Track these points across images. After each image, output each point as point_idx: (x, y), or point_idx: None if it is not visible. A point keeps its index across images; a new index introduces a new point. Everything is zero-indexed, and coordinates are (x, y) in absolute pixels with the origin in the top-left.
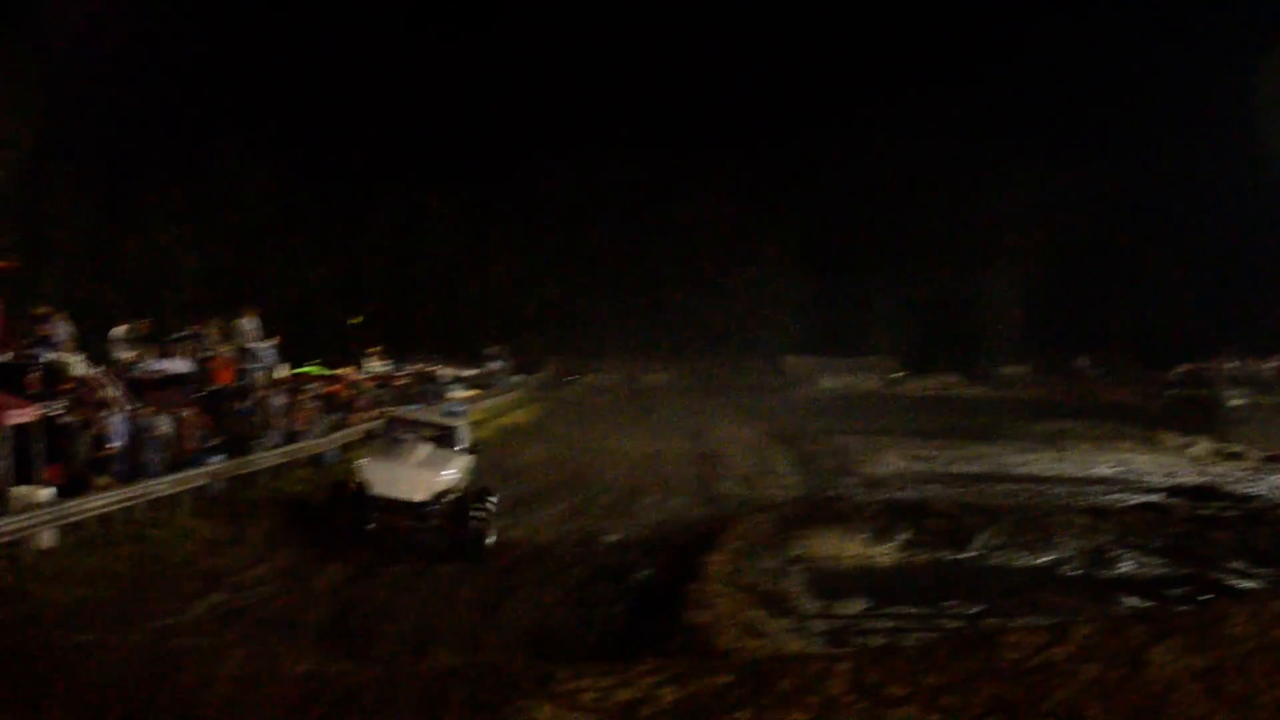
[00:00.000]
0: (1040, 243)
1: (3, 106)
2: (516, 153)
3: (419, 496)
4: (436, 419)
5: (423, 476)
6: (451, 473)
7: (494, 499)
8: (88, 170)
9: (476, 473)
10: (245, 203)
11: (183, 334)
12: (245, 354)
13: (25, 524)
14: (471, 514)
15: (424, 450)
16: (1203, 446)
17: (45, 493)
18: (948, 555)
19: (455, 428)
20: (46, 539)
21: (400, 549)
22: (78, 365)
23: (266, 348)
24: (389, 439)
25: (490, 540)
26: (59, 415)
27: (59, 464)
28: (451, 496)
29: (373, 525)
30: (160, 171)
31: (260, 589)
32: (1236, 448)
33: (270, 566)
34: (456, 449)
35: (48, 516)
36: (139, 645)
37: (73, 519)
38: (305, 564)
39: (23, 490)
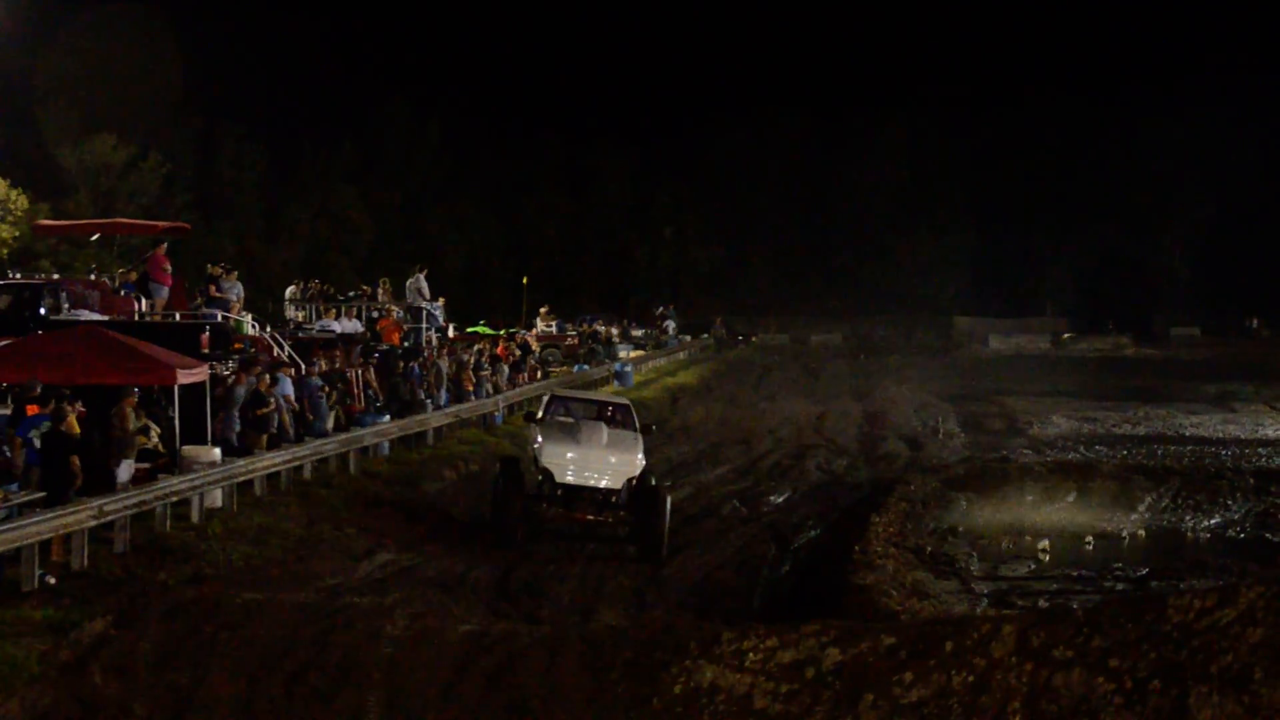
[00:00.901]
0: (1212, 203)
1: (176, 68)
2: (685, 113)
3: (609, 483)
4: (605, 397)
5: (612, 460)
6: (638, 456)
7: (668, 484)
8: (259, 131)
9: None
10: (415, 163)
11: (352, 294)
12: (414, 314)
13: (195, 483)
14: (661, 501)
15: (606, 431)
16: None
17: (214, 452)
18: (1114, 516)
19: (628, 406)
20: (216, 498)
21: (580, 544)
22: (248, 325)
23: (435, 308)
24: (559, 418)
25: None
26: (230, 375)
27: (230, 423)
28: (640, 482)
29: (553, 515)
30: (331, 132)
31: (426, 548)
32: None
33: (435, 527)
34: (630, 427)
35: (217, 475)
36: (306, 604)
37: (241, 478)
38: (472, 524)
39: (192, 449)
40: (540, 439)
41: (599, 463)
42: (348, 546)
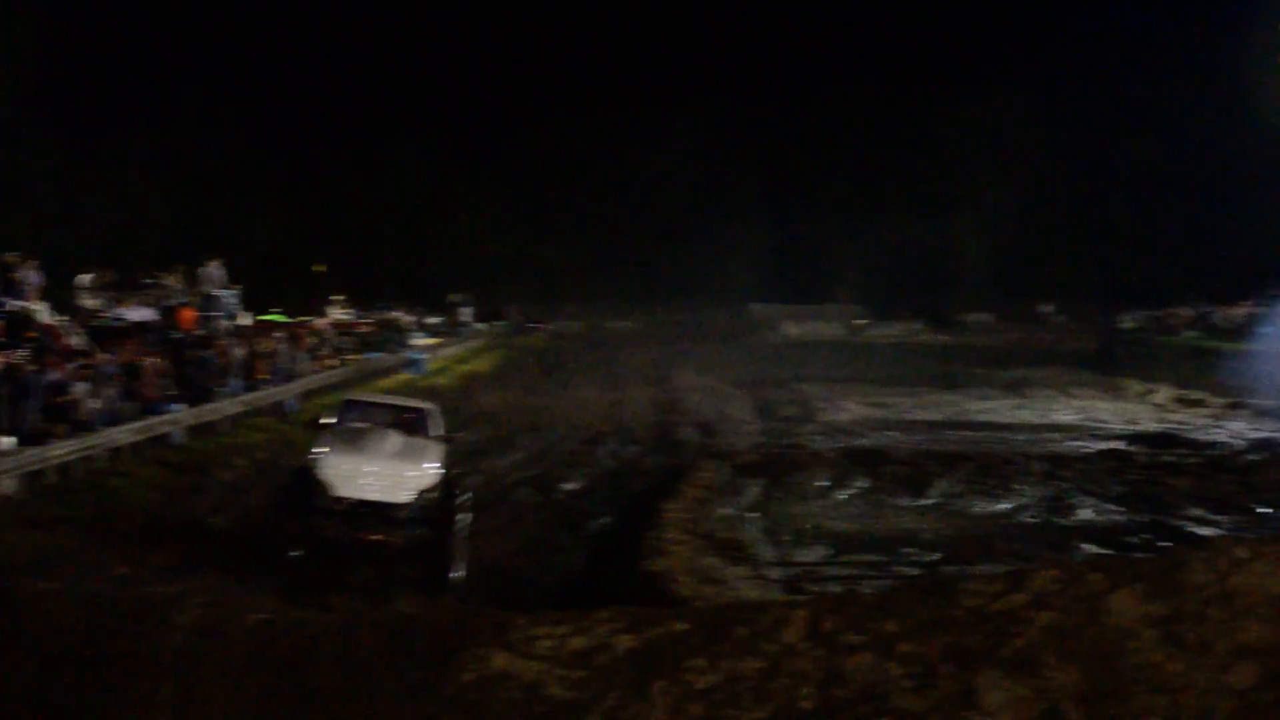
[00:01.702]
0: (1005, 190)
1: None
2: (481, 99)
3: (396, 497)
4: (404, 400)
5: (399, 471)
6: (432, 466)
7: (468, 496)
8: (54, 118)
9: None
10: (210, 151)
11: (147, 282)
12: (209, 302)
13: None
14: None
15: (397, 439)
16: (1164, 393)
17: (6, 441)
18: (906, 502)
19: (428, 411)
20: (8, 486)
21: (363, 565)
22: (42, 313)
23: (230, 296)
24: (349, 425)
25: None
26: (23, 363)
27: (22, 412)
28: (434, 496)
29: (333, 533)
30: (126, 120)
31: (221, 536)
32: (1198, 394)
33: (230, 516)
34: (432, 436)
35: (9, 465)
36: (97, 593)
37: (33, 467)
38: (266, 512)
39: None
40: (322, 448)
41: (385, 474)
42: (141, 536)
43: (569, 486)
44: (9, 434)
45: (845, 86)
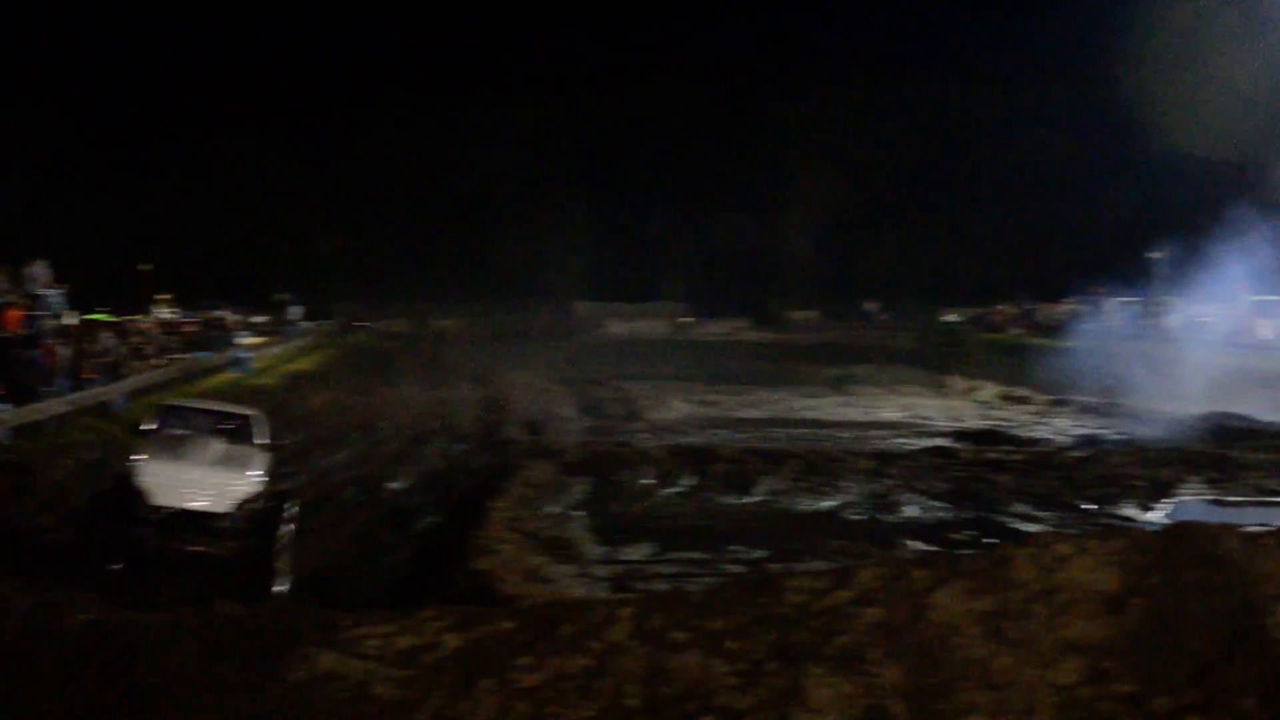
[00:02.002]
0: (830, 188)
1: None
2: (305, 99)
3: (214, 505)
4: (228, 407)
5: (217, 479)
6: (254, 474)
7: (294, 507)
8: None
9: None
10: (34, 148)
11: None
12: (34, 301)
13: None
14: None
15: (218, 446)
16: (989, 390)
17: None
18: (732, 500)
19: (253, 418)
20: None
21: (183, 576)
22: None
23: (55, 295)
24: (169, 432)
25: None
26: None
27: None
28: (257, 506)
29: (150, 544)
30: None
31: (47, 539)
32: (1022, 391)
33: (57, 516)
34: (256, 443)
35: None
36: None
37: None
38: (83, 520)
39: None
40: (140, 455)
41: (202, 482)
42: None
43: (396, 485)
44: None
45: (671, 82)
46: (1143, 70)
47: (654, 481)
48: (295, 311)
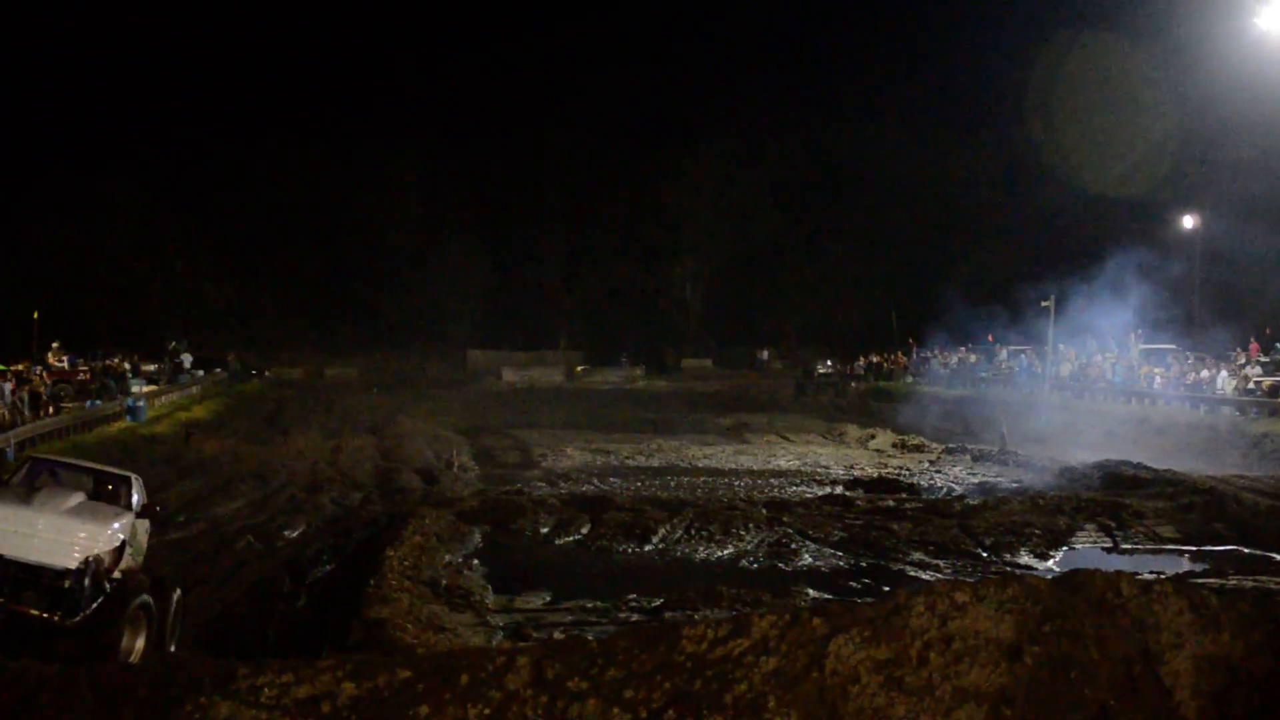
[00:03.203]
0: (722, 237)
1: None
2: (194, 142)
3: (56, 559)
4: (103, 467)
5: (65, 526)
6: (111, 532)
7: (178, 594)
8: None
9: (149, 550)
10: None
11: None
12: None
13: None
14: (134, 605)
15: (74, 497)
16: (885, 438)
17: None
18: (629, 549)
19: (131, 479)
20: None
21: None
22: None
23: None
24: (26, 484)
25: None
26: None
27: None
28: (110, 569)
29: None
30: None
31: None
32: (917, 439)
33: None
34: (125, 506)
35: None
36: None
37: None
38: None
39: None
40: None
41: (47, 530)
42: None
43: (291, 534)
44: None
45: (565, 130)
46: (1041, 114)
47: (550, 529)
48: (188, 359)
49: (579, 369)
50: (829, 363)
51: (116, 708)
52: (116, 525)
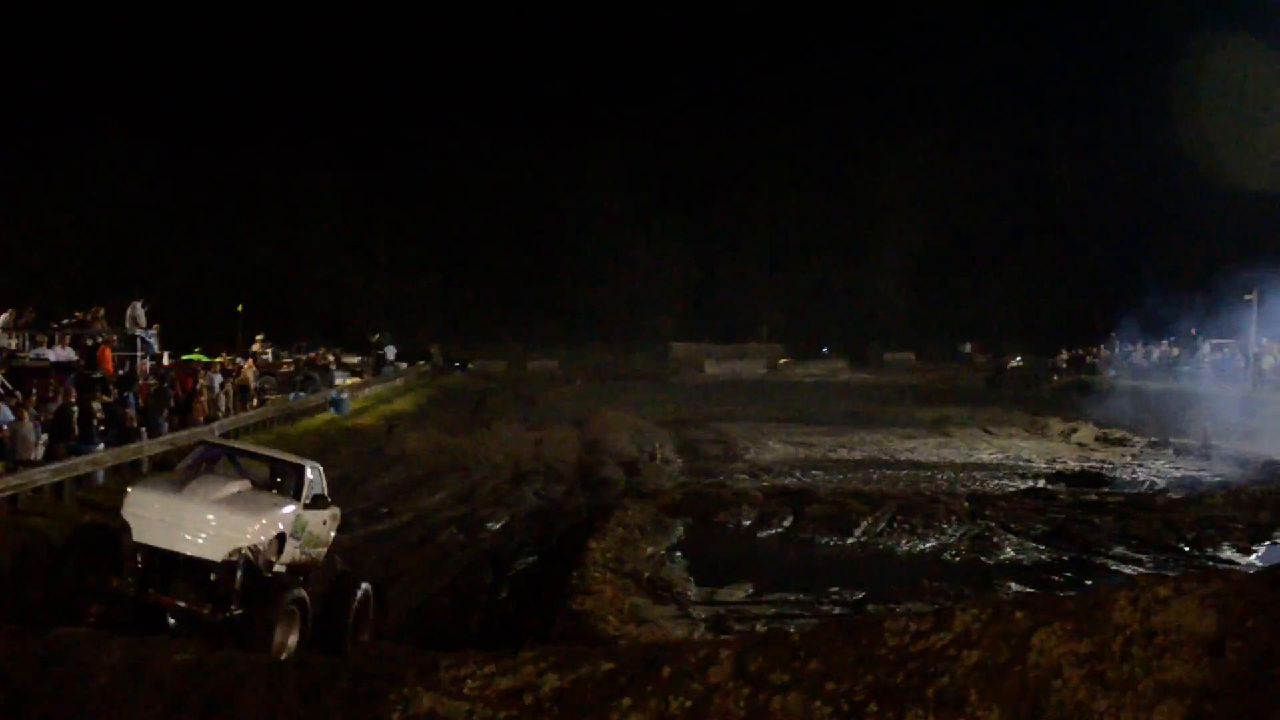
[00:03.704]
0: (926, 229)
1: None
2: (400, 138)
3: (203, 551)
4: (278, 454)
5: (213, 518)
6: (264, 523)
7: (363, 589)
8: None
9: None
10: (129, 189)
11: (66, 322)
12: (130, 341)
13: None
14: (286, 600)
15: (233, 486)
16: (1087, 432)
17: None
18: (831, 541)
19: (301, 468)
20: None
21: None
22: None
23: (150, 335)
24: (191, 466)
25: None
26: None
27: None
28: (263, 562)
29: (125, 592)
30: (42, 157)
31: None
32: (1119, 433)
33: None
34: (293, 495)
35: None
36: (18, 634)
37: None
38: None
39: None
40: (140, 484)
41: (194, 519)
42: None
43: (494, 526)
44: None
45: (766, 125)
46: (1242, 106)
47: (753, 522)
48: (391, 352)
49: (781, 362)
50: (1018, 357)
51: (320, 697)
52: (273, 517)
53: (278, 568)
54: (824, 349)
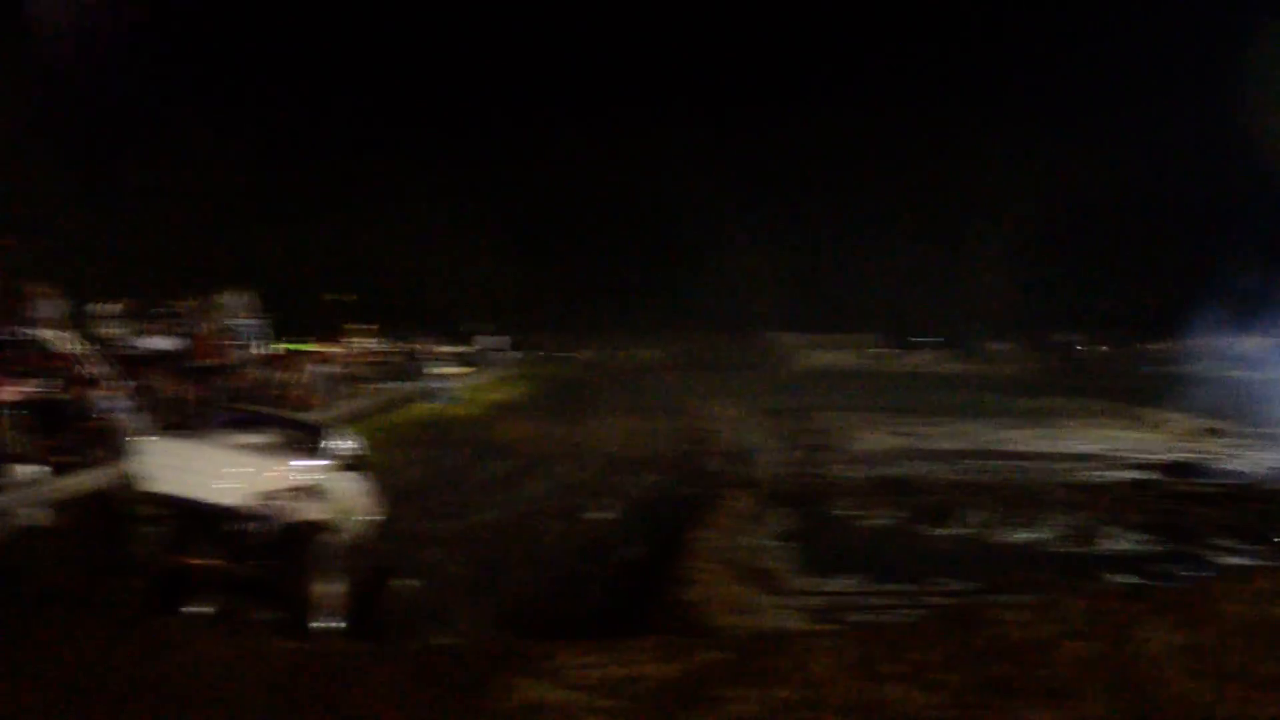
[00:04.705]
0: (1027, 218)
1: None
2: (499, 128)
3: (229, 497)
4: (294, 415)
5: (242, 461)
6: (296, 469)
7: (390, 577)
8: (72, 146)
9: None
10: (234, 178)
11: (167, 310)
12: (231, 330)
13: (11, 502)
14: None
15: (255, 436)
16: (1187, 423)
17: (33, 470)
18: (934, 532)
19: (318, 428)
20: (40, 516)
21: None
22: (64, 342)
23: (252, 324)
24: (210, 426)
25: None
26: (46, 393)
27: (48, 442)
28: (284, 515)
29: (149, 560)
30: (146, 146)
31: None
32: (1221, 423)
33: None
34: (321, 456)
35: (40, 495)
36: (127, 621)
37: (61, 496)
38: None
39: (13, 469)
40: (142, 437)
41: (215, 465)
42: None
43: (598, 516)
44: (39, 463)
45: (868, 113)
46: None
47: (857, 513)
48: (494, 341)
49: (883, 351)
50: (1078, 345)
51: (427, 686)
52: (298, 468)
53: (297, 525)
54: (925, 338)
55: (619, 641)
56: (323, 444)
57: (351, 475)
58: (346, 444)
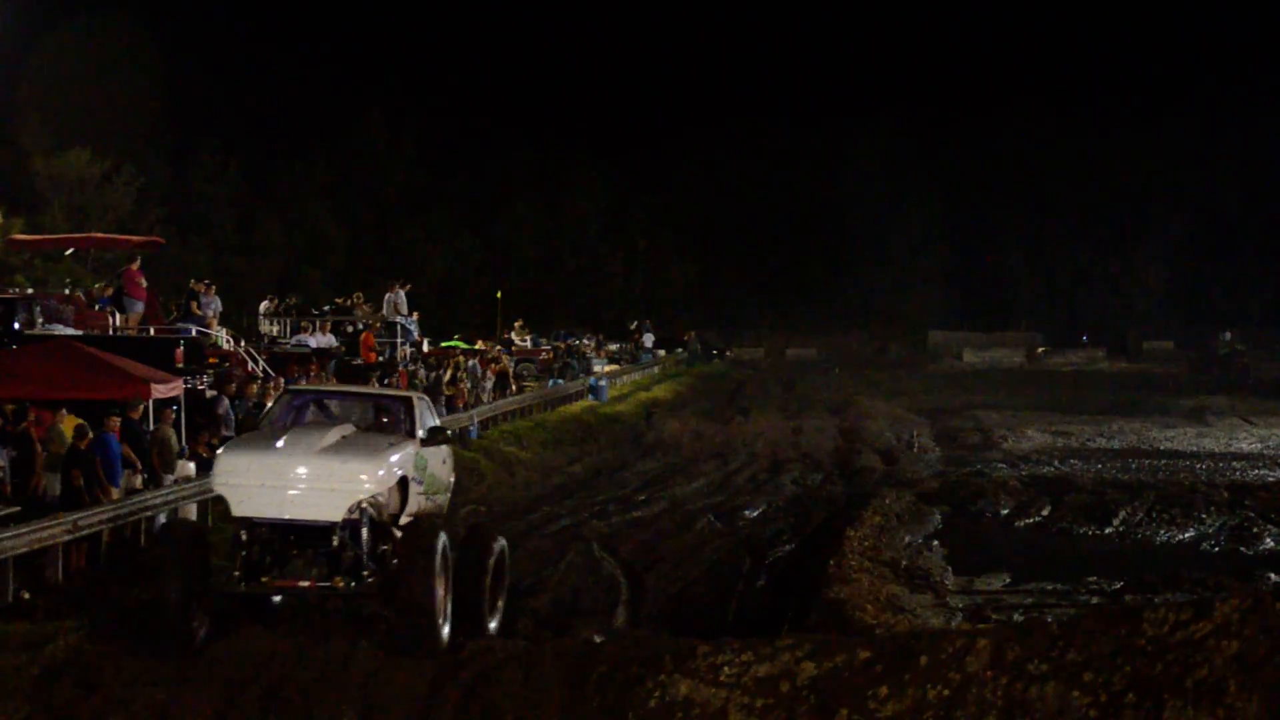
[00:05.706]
0: (1185, 217)
1: (151, 82)
2: (660, 126)
3: (317, 513)
4: (374, 389)
5: (324, 471)
6: (385, 467)
7: (500, 544)
8: (233, 145)
9: (457, 489)
10: (389, 177)
11: (327, 308)
12: (390, 328)
13: (169, 498)
14: (432, 551)
15: (336, 433)
16: None
17: (189, 466)
18: (1089, 531)
19: (408, 399)
20: (191, 512)
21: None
22: (223, 340)
23: (410, 322)
24: (284, 419)
25: (494, 623)
26: (204, 389)
27: (205, 437)
28: (389, 514)
29: (240, 587)
30: (304, 145)
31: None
32: None
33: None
34: (405, 434)
35: (192, 490)
36: (262, 631)
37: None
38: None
39: (185, 464)
40: (229, 447)
41: (301, 478)
42: None
43: (751, 513)
44: (193, 459)
45: (1025, 115)
46: None
47: (1010, 511)
48: (650, 339)
49: (1039, 350)
50: (1227, 337)
51: (578, 683)
52: (392, 459)
53: (404, 520)
54: (1082, 337)
55: (770, 640)
56: (410, 416)
57: (437, 448)
58: (428, 411)
